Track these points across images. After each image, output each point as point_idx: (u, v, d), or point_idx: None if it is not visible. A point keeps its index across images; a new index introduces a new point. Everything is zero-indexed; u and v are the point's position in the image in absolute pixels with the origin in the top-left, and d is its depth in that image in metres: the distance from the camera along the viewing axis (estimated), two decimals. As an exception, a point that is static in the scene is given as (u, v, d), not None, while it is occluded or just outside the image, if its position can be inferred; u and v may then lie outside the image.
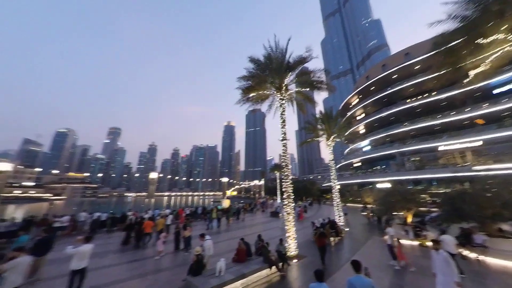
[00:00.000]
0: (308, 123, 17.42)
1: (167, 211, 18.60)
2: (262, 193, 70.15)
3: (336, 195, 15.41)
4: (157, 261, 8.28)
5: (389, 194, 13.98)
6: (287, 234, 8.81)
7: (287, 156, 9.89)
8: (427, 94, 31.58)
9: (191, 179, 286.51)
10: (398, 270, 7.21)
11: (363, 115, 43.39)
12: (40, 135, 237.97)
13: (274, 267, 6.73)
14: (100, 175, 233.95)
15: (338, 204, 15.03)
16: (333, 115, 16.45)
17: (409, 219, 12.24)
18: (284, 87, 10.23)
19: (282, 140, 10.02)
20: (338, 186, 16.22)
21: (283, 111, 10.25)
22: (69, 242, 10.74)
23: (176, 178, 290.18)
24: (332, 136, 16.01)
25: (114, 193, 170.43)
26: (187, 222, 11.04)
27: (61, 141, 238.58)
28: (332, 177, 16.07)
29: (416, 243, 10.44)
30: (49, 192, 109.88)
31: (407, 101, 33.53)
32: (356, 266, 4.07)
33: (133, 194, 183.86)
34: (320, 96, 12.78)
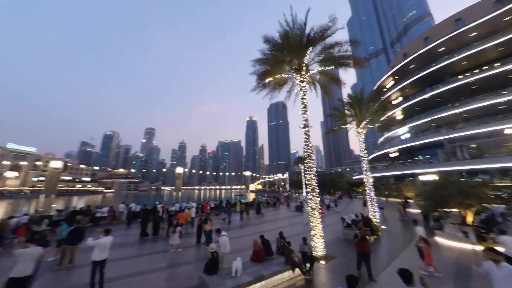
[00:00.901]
0: (334, 109, 15.65)
1: (193, 204, 19.26)
2: (287, 186, 68.90)
3: (369, 189, 13.62)
4: (179, 254, 8.29)
5: (439, 187, 11.64)
6: (312, 232, 7.88)
7: (310, 145, 8.79)
8: (487, 67, 25.71)
9: (218, 174, 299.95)
10: (439, 278, 5.75)
11: (400, 98, 38.06)
12: (93, 138, 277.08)
13: (297, 270, 5.97)
14: (133, 170, 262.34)
15: (372, 199, 13.27)
16: (364, 98, 14.37)
17: (469, 218, 9.96)
18: (304, 67, 9.01)
19: (304, 127, 8.92)
20: (372, 179, 14.31)
21: (304, 95, 9.09)
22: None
23: (205, 172, 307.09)
24: (364, 122, 14.04)
25: (153, 187, 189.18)
26: (207, 216, 10.95)
27: (108, 142, 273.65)
28: (364, 168, 14.22)
29: (479, 248, 8.38)
30: (102, 186, 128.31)
31: (459, 77, 27.89)
32: (406, 276, 3.11)
33: (168, 187, 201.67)
34: (348, 76, 11.16)
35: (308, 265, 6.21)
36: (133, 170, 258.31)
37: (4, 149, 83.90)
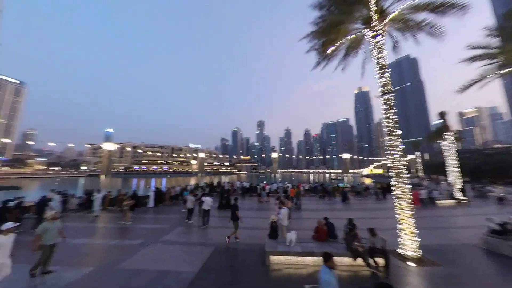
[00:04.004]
0: (473, 46, 9.58)
1: (288, 184, 21.36)
2: (419, 171, 50.79)
3: None
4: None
5: None
6: (398, 226, 6.27)
7: (390, 116, 6.69)
8: None
9: (326, 157, 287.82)
10: None
11: None
12: (227, 134, 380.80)
13: (360, 260, 5.39)
14: (256, 156, 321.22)
15: None
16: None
17: None
18: (375, 15, 6.79)
19: (382, 95, 6.92)
20: None
21: (380, 52, 6.94)
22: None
23: (312, 156, 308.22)
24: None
25: (268, 170, 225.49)
26: (287, 196, 12.13)
27: (235, 136, 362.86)
28: None
29: None
30: (236, 169, 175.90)
31: None
32: None
33: (280, 170, 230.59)
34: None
35: (378, 260, 5.34)
36: (255, 157, 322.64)
37: (188, 147, 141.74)
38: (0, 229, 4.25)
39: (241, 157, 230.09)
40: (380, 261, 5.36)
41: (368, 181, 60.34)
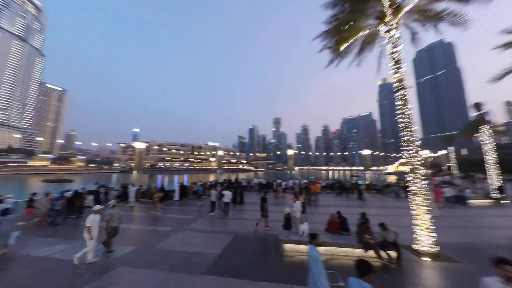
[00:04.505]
0: (510, 31, 8.73)
1: (304, 181, 21.46)
2: (453, 168, 46.22)
3: None
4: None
5: None
6: (413, 221, 6.28)
7: (406, 112, 6.63)
8: None
9: (348, 153, 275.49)
10: None
11: None
12: (244, 132, 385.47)
13: (372, 252, 5.61)
14: (271, 154, 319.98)
15: None
16: None
17: None
18: (389, 10, 6.72)
19: (397, 90, 6.88)
20: None
21: (395, 47, 6.87)
22: (248, 194, 17.46)
23: (331, 154, 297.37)
24: None
25: (285, 167, 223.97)
26: (301, 191, 12.44)
27: (251, 134, 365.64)
28: None
29: None
30: (252, 166, 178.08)
31: None
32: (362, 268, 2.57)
33: (297, 167, 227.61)
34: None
35: (391, 253, 5.51)
36: (271, 154, 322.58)
37: (207, 145, 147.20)
38: (92, 209, 5.53)
39: (258, 154, 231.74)
40: (392, 254, 5.54)
41: (392, 178, 56.76)
